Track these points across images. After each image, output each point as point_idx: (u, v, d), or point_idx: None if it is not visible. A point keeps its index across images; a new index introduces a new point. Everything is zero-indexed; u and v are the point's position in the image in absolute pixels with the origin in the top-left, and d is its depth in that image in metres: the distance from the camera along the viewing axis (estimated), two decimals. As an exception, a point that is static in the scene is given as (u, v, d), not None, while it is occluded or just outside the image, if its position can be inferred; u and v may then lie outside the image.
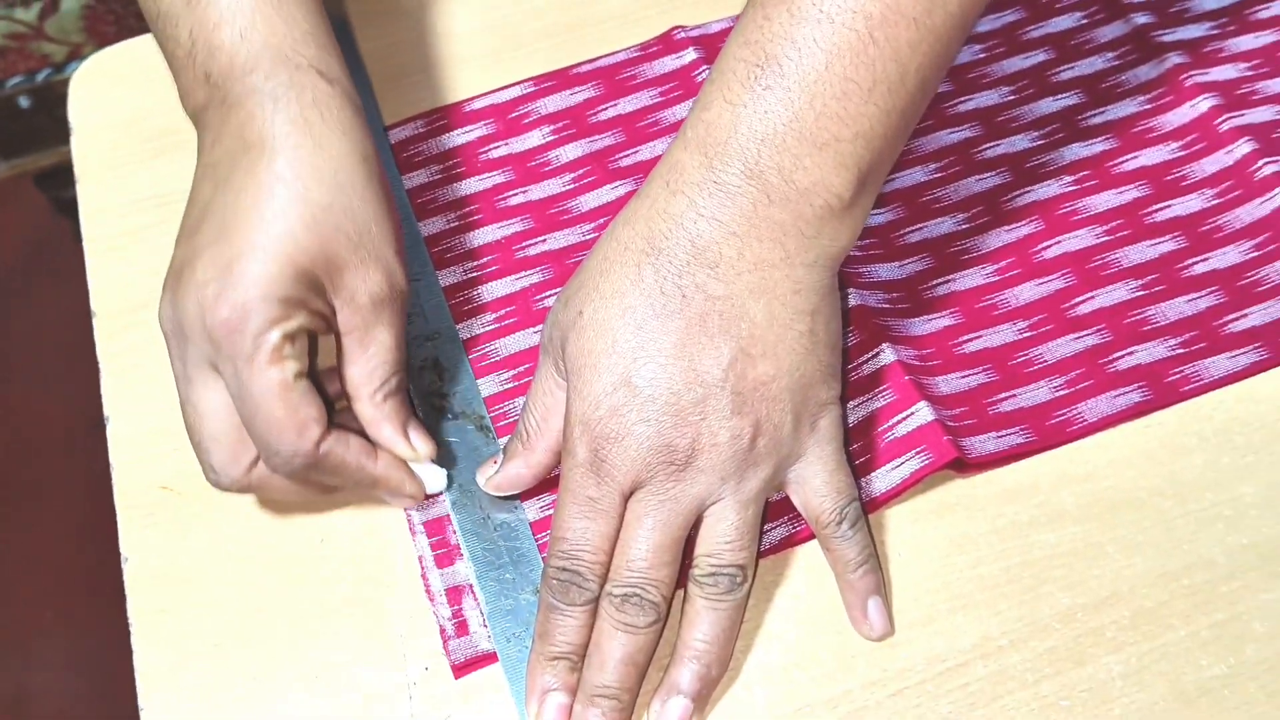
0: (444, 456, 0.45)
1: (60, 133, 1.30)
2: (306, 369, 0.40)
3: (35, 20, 1.20)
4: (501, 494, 0.43)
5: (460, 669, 0.41)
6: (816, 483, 0.41)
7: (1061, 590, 0.42)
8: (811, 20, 0.37)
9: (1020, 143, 0.53)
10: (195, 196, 0.41)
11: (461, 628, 0.42)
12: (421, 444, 0.42)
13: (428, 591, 0.42)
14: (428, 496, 0.44)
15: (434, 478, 0.43)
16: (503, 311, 0.49)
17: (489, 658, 0.41)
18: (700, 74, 0.56)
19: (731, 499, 0.40)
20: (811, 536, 0.43)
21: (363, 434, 0.42)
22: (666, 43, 0.57)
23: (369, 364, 0.41)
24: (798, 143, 0.37)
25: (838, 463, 0.41)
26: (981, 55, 0.57)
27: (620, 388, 0.39)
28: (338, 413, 0.42)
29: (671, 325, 0.38)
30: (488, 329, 0.49)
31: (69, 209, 1.43)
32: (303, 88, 0.40)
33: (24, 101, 1.25)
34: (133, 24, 1.25)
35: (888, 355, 0.45)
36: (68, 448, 1.43)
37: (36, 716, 1.26)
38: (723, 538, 0.40)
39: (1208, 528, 0.43)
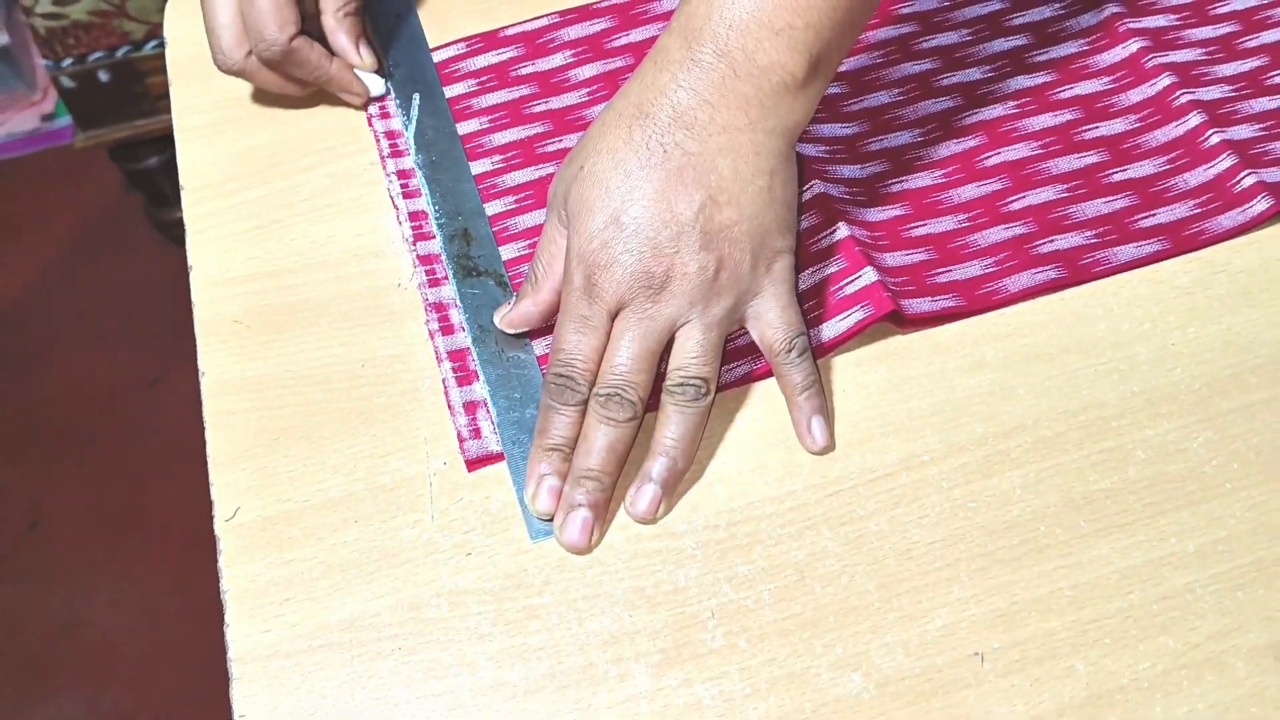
0: (468, 304, 0.53)
1: (136, 108, 1.41)
2: None
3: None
4: (513, 330, 0.52)
5: (473, 464, 0.50)
6: (770, 316, 0.49)
7: (977, 421, 0.50)
8: None
9: (973, 74, 0.62)
10: None
11: (475, 433, 0.50)
12: (367, 54, 0.61)
13: (449, 405, 0.51)
14: (373, 99, 0.62)
15: (375, 83, 0.61)
16: (524, 195, 0.58)
17: (496, 457, 0.50)
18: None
19: (698, 321, 0.48)
20: (768, 373, 0.51)
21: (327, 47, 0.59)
22: (673, -15, 0.66)
23: None
24: (759, 28, 0.46)
25: (789, 301, 0.50)
26: (945, 3, 0.65)
27: (610, 225, 0.48)
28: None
29: (654, 175, 0.47)
30: (510, 208, 0.58)
31: (140, 181, 1.54)
32: None
33: (104, 75, 1.36)
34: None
35: (842, 231, 0.54)
36: (120, 406, 1.53)
37: (87, 641, 1.35)
38: (690, 354, 0.48)
39: (1105, 377, 0.51)
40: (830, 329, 0.52)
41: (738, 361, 0.52)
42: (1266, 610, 0.44)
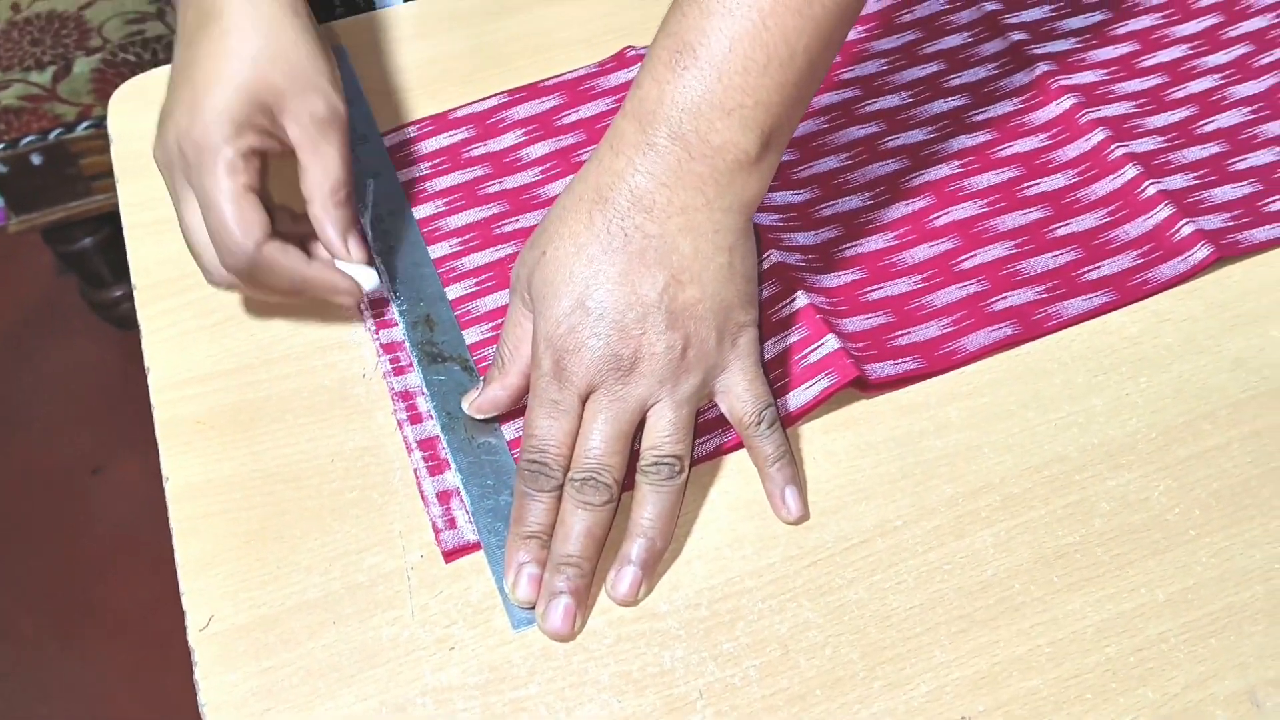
0: (435, 391, 0.53)
1: (69, 190, 1.39)
2: (257, 187, 0.51)
3: (49, 83, 1.30)
4: (482, 415, 0.52)
5: (450, 555, 0.49)
6: (739, 389, 0.50)
7: (946, 482, 0.51)
8: (717, 14, 0.47)
9: (917, 135, 0.63)
10: (173, 63, 0.53)
11: (450, 523, 0.50)
12: (356, 248, 0.54)
13: (422, 495, 0.51)
14: (367, 295, 0.55)
15: (367, 277, 0.55)
16: (483, 277, 0.58)
17: (474, 546, 0.50)
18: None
19: (668, 399, 0.49)
20: (739, 445, 0.52)
21: (303, 247, 0.54)
22: (620, 60, 0.67)
23: (320, 173, 0.53)
24: (710, 110, 0.47)
25: (756, 373, 0.50)
26: (885, 67, 0.67)
27: (576, 310, 0.48)
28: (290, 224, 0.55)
29: (617, 259, 0.48)
30: (470, 291, 0.58)
31: (75, 262, 1.52)
32: None
33: (36, 159, 1.34)
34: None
35: (801, 300, 0.55)
36: (64, 495, 1.50)
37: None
38: (662, 432, 0.49)
39: (1064, 431, 0.52)
40: (796, 398, 0.52)
41: (707, 435, 0.52)
42: (1239, 656, 0.45)
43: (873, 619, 0.47)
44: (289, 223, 0.55)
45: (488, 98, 0.66)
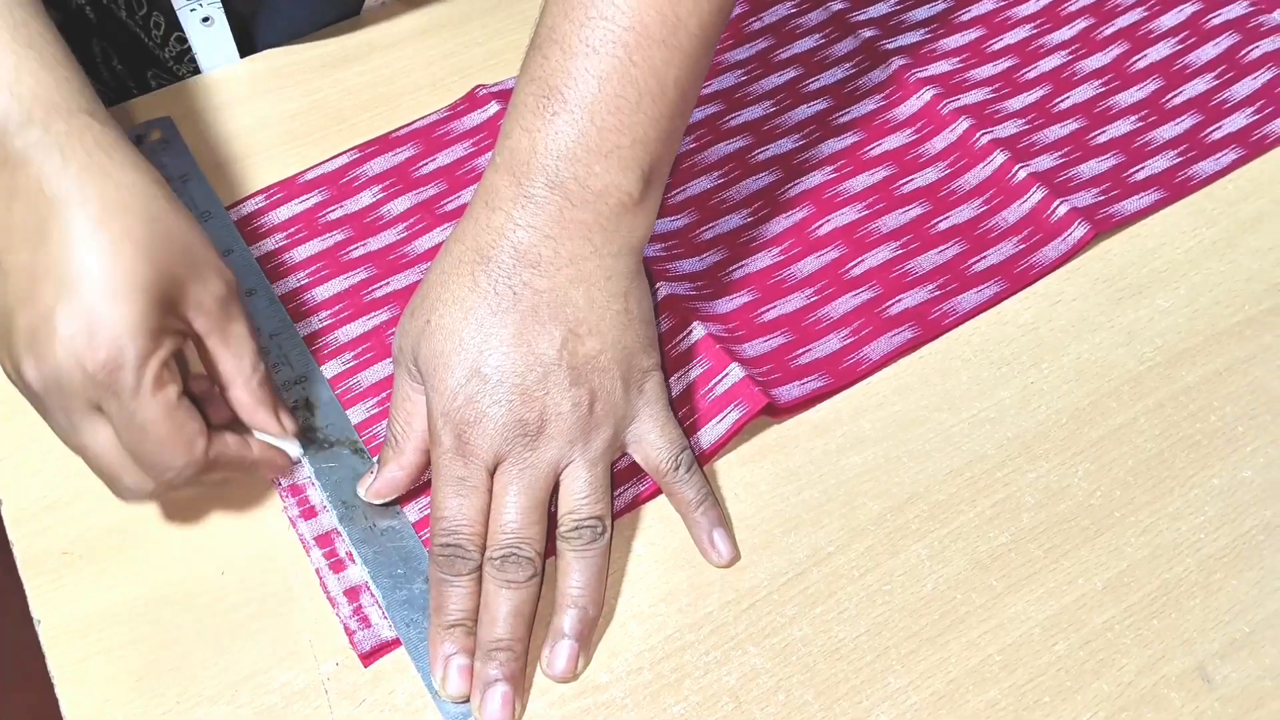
0: (327, 481, 0.50)
1: None
2: (182, 389, 0.44)
3: None
4: (382, 500, 0.49)
5: (367, 657, 0.46)
6: (651, 437, 0.48)
7: (871, 499, 0.49)
8: (581, 54, 0.44)
9: (786, 145, 0.62)
10: (12, 261, 0.42)
11: (364, 621, 0.47)
12: (289, 422, 0.49)
13: (328, 597, 0.47)
14: (295, 462, 0.50)
15: (293, 447, 0.50)
16: (361, 349, 0.55)
17: (393, 643, 0.46)
18: (502, 124, 0.63)
19: (581, 459, 0.46)
20: (657, 491, 0.50)
21: (226, 426, 0.47)
22: (471, 100, 0.64)
23: (237, 357, 0.46)
24: (587, 154, 0.45)
25: (666, 418, 0.48)
26: (744, 78, 0.66)
27: (472, 378, 0.45)
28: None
29: (508, 319, 0.45)
30: (348, 366, 0.54)
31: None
32: (82, 132, 0.43)
33: None
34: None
35: (698, 331, 0.53)
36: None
37: None
38: (579, 494, 0.46)
39: (978, 429, 0.51)
40: (708, 434, 0.50)
41: (624, 485, 0.50)
42: (1183, 633, 0.45)
43: (821, 654, 0.45)
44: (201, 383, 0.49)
45: (337, 156, 0.62)
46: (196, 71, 0.67)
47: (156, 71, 0.68)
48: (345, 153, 0.62)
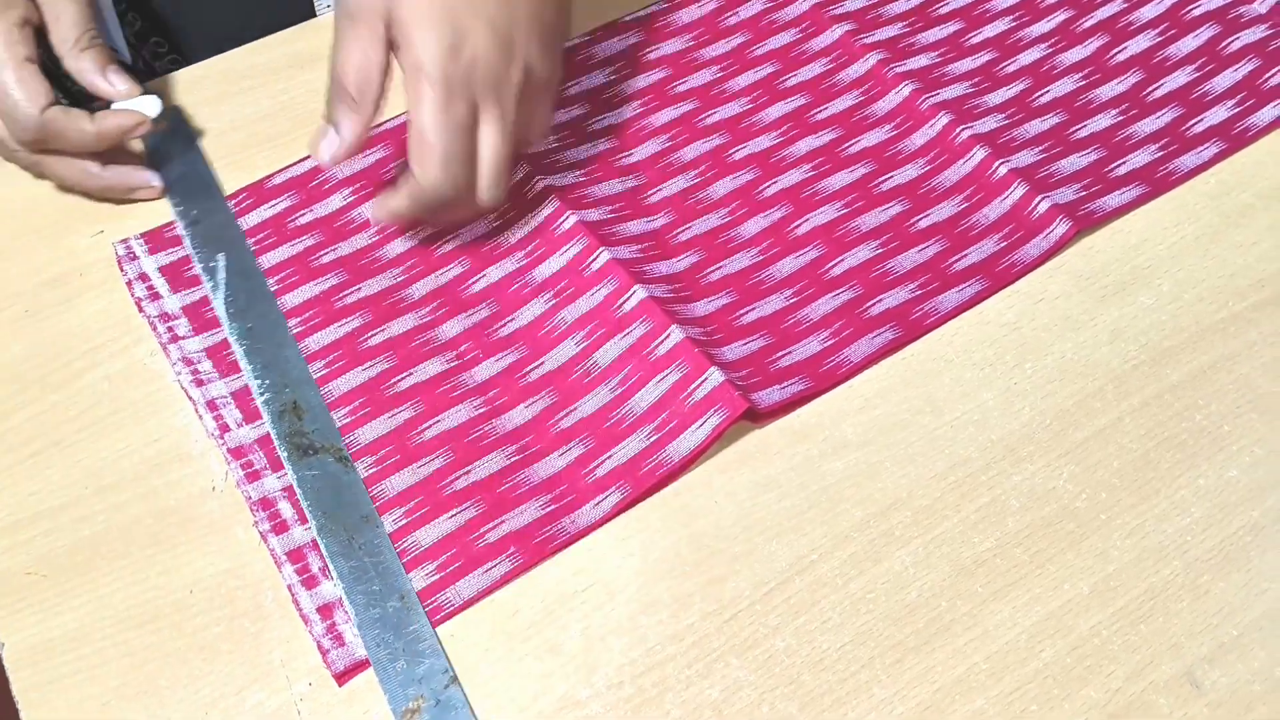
0: (308, 489, 0.48)
1: None
2: (35, 58, 0.53)
3: None
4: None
5: (342, 676, 0.45)
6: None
7: (854, 505, 0.48)
8: None
9: (763, 142, 0.61)
10: None
11: (338, 640, 0.45)
12: (119, 81, 0.56)
13: (301, 615, 0.46)
14: (153, 122, 0.56)
15: (149, 104, 0.56)
16: (332, 356, 0.53)
17: (367, 662, 0.45)
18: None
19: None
20: (637, 499, 0.48)
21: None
22: (438, 101, 0.63)
23: (63, 27, 0.55)
24: None
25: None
26: (719, 74, 0.64)
27: (472, 34, 0.49)
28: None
29: None
30: (319, 374, 0.53)
31: None
32: None
33: None
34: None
35: (677, 334, 0.52)
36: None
37: None
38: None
39: (962, 432, 0.50)
40: (689, 439, 0.49)
41: (603, 494, 0.49)
42: (1170, 638, 0.45)
43: (805, 665, 0.45)
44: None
45: (305, 158, 0.61)
46: (152, 74, 0.66)
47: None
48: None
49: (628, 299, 0.53)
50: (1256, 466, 0.48)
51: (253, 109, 0.63)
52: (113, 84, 0.56)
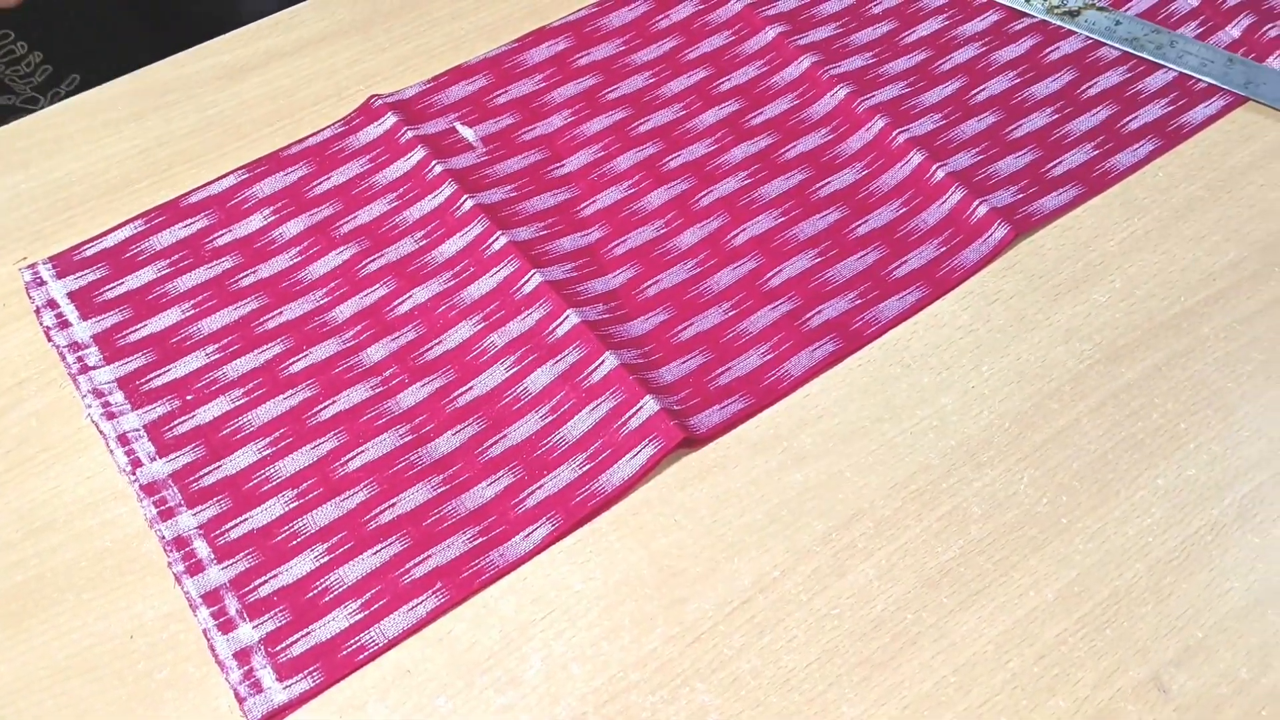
0: None
1: None
2: None
3: None
4: None
5: (260, 727, 0.42)
6: None
7: (815, 518, 0.48)
8: None
9: (698, 150, 0.60)
10: None
11: (255, 686, 0.43)
12: None
13: (217, 660, 0.44)
14: None
15: None
16: (251, 385, 0.51)
17: (287, 708, 0.43)
18: (402, 135, 0.59)
19: None
20: (574, 527, 0.47)
21: None
22: (367, 113, 0.61)
23: None
24: None
25: None
26: (651, 80, 0.63)
27: None
28: None
29: None
30: (237, 404, 0.50)
31: None
32: None
33: None
34: None
35: (611, 361, 0.50)
36: None
37: None
38: None
39: (921, 438, 0.50)
40: (623, 469, 0.48)
41: (532, 525, 0.47)
42: (1136, 642, 0.45)
43: (772, 687, 0.44)
44: None
45: (224, 176, 0.59)
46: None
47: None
48: (233, 172, 0.59)
49: (560, 323, 0.52)
50: (1214, 464, 0.49)
51: (178, 125, 0.61)
52: None
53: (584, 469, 0.48)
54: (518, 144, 0.60)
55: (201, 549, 0.46)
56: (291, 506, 0.48)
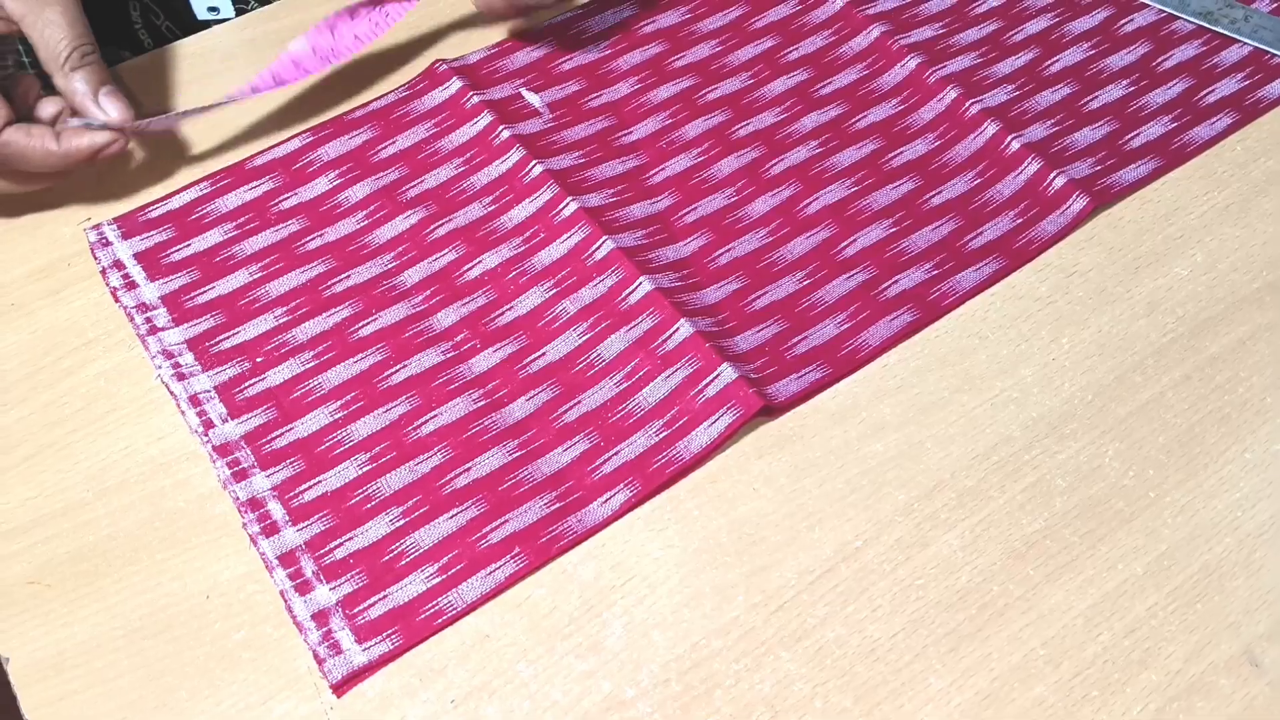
0: None
1: None
2: None
3: None
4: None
5: (339, 687, 0.42)
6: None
7: (897, 489, 0.47)
8: None
9: (767, 119, 0.59)
10: None
11: (334, 648, 0.43)
12: (111, 104, 0.51)
13: (295, 621, 0.43)
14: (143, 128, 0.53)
15: (116, 120, 0.51)
16: (321, 348, 0.51)
17: (367, 670, 0.42)
18: (468, 100, 0.59)
19: None
20: (650, 494, 0.46)
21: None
22: (431, 77, 0.60)
23: (48, 42, 0.50)
24: None
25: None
26: (718, 49, 0.62)
27: None
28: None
29: None
30: (307, 366, 0.50)
31: None
32: None
33: None
34: None
35: (685, 329, 0.50)
36: None
37: None
38: None
39: (1002, 410, 0.49)
40: (701, 436, 0.47)
41: (614, 489, 0.46)
42: (1228, 617, 0.44)
43: (858, 656, 0.43)
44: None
45: (288, 139, 0.58)
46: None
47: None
48: (298, 135, 0.58)
49: (633, 290, 0.51)
50: (1303, 438, 0.48)
51: (235, 85, 0.60)
52: (105, 109, 0.51)
53: (661, 435, 0.48)
54: (584, 110, 0.59)
55: (276, 510, 0.46)
56: (365, 470, 0.47)
